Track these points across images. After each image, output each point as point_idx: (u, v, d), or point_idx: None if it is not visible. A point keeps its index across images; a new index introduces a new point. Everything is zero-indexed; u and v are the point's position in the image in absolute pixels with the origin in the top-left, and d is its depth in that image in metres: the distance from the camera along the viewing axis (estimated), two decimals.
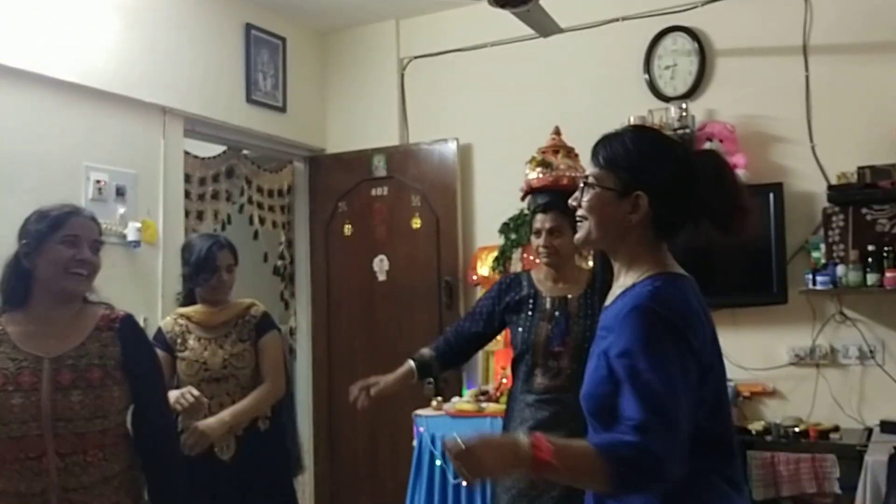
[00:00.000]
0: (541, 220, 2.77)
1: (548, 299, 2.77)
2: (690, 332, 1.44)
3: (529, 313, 2.75)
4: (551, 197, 2.87)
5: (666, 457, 1.33)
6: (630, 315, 1.44)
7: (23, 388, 1.79)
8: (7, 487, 1.78)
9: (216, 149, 4.77)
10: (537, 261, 2.86)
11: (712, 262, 3.87)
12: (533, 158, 2.93)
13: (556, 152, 2.96)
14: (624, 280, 1.57)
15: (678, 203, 1.56)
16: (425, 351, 2.86)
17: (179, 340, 2.80)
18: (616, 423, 1.38)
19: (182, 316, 2.82)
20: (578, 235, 1.59)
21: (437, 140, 4.64)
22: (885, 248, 3.46)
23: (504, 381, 3.83)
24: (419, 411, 3.98)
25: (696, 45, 4.04)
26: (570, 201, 1.61)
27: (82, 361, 1.86)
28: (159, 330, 2.86)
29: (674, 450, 1.34)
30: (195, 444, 2.49)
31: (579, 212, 1.58)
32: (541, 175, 2.83)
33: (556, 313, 2.73)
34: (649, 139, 1.62)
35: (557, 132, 3.09)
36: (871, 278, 3.46)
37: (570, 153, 2.95)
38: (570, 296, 2.75)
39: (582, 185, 1.58)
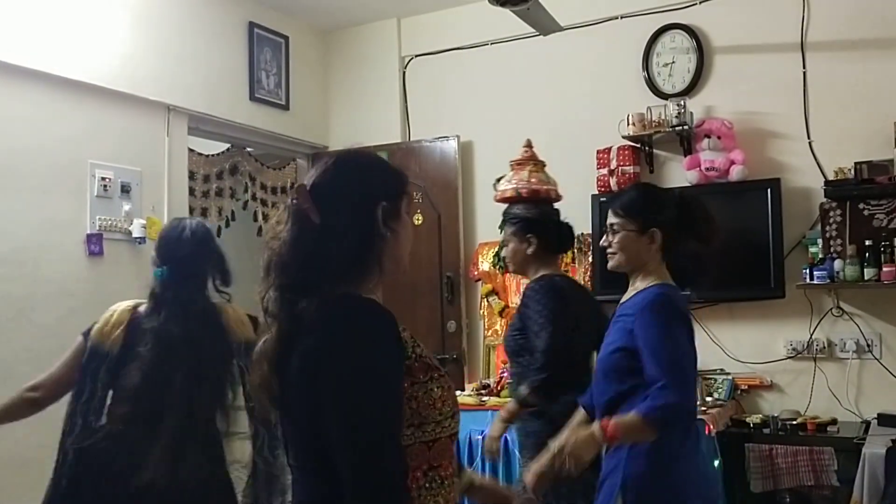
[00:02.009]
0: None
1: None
2: (690, 323, 2.15)
3: None
4: (506, 209, 2.97)
5: (685, 403, 2.03)
6: (653, 306, 2.08)
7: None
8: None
9: (220, 146, 4.81)
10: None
11: (711, 257, 3.91)
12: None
13: (520, 166, 3.03)
14: (638, 285, 2.20)
15: (679, 232, 2.20)
16: None
17: None
18: (623, 378, 2.08)
19: None
20: (611, 264, 2.22)
21: (439, 137, 4.67)
22: (883, 243, 3.48)
23: (504, 374, 3.86)
24: None
25: (695, 42, 4.06)
26: (601, 242, 2.24)
27: None
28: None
29: (689, 397, 2.08)
30: None
31: (610, 249, 2.21)
32: (502, 187, 2.96)
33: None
34: (652, 190, 2.37)
35: (529, 145, 3.15)
36: (869, 273, 3.48)
37: (540, 166, 3.02)
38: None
39: (608, 229, 2.22)
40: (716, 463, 3.34)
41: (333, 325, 1.30)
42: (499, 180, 3.25)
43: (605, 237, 2.24)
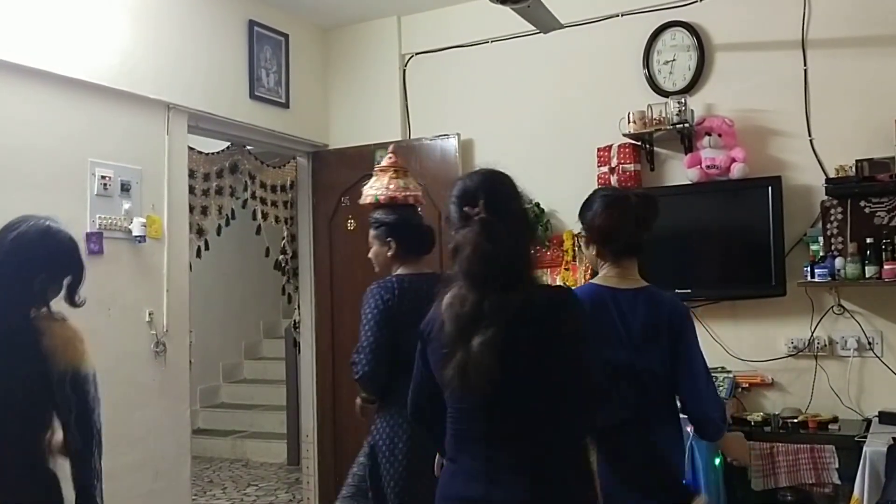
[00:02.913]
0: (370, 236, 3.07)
1: None
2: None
3: None
4: (371, 214, 3.08)
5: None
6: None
7: None
8: None
9: (220, 144, 4.81)
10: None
11: (712, 255, 3.91)
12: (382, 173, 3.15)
13: (383, 172, 3.15)
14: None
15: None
16: None
17: None
18: None
19: None
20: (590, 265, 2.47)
21: (439, 135, 4.67)
22: (884, 241, 3.48)
23: None
24: None
25: (695, 40, 4.06)
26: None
27: None
28: None
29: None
30: None
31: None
32: (365, 192, 3.12)
33: None
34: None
35: (394, 152, 3.25)
36: (870, 270, 3.48)
37: (402, 172, 3.13)
38: None
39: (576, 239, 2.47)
40: (717, 461, 3.34)
41: (572, 306, 1.81)
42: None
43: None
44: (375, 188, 3.11)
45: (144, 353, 3.74)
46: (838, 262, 3.55)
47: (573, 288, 2.25)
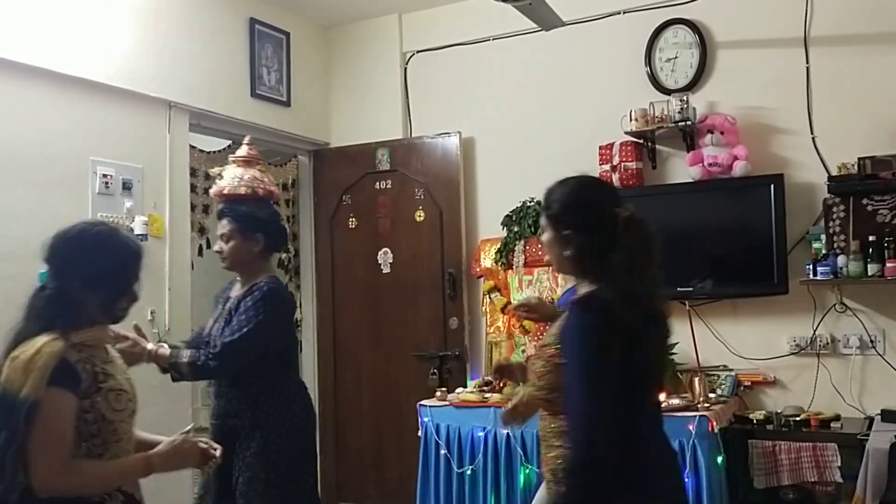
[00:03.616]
0: (219, 227, 2.84)
1: (230, 299, 2.83)
2: None
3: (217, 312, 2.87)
4: (230, 205, 2.84)
5: None
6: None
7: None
8: None
9: (221, 143, 4.81)
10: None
11: (714, 253, 3.90)
12: (225, 168, 2.94)
13: (248, 164, 2.95)
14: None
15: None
16: None
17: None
18: None
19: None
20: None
21: (440, 134, 4.66)
22: (886, 239, 3.47)
23: None
24: (424, 402, 4.01)
25: (697, 37, 4.05)
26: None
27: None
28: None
29: None
30: None
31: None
32: (233, 183, 2.86)
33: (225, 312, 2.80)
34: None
35: (250, 143, 3.07)
36: (872, 268, 3.47)
37: (254, 164, 2.94)
38: (232, 296, 2.83)
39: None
40: (719, 459, 3.34)
41: None
42: (211, 176, 3.08)
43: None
44: (248, 179, 2.89)
45: None
46: (840, 260, 3.54)
47: None
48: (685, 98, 3.89)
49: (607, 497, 1.68)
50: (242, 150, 3.01)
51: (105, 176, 3.61)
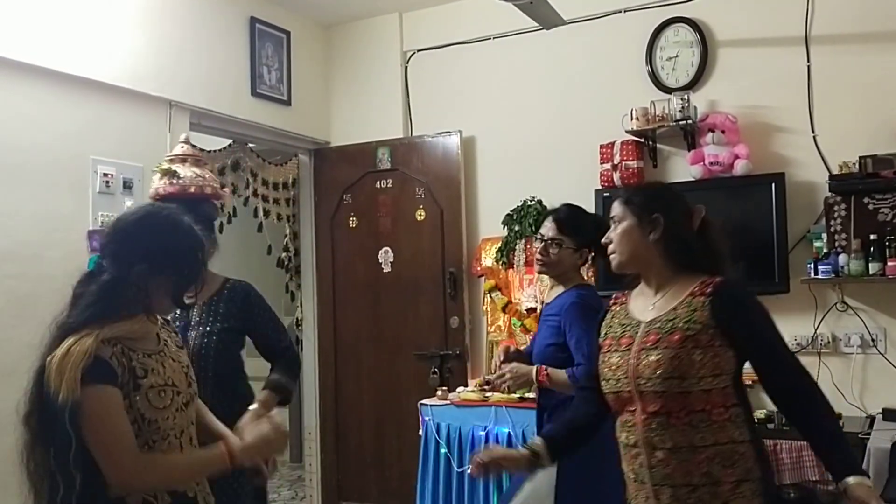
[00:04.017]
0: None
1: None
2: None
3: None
4: (178, 204, 2.71)
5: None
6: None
7: (621, 348, 1.92)
8: (618, 435, 1.92)
9: (222, 142, 4.81)
10: None
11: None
12: (159, 166, 2.81)
13: (183, 161, 2.85)
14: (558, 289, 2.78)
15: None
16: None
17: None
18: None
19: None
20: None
21: (441, 133, 4.66)
22: (887, 238, 3.47)
23: None
24: (424, 401, 4.01)
25: (698, 36, 4.05)
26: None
27: (668, 325, 1.84)
28: None
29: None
30: None
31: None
32: (168, 184, 2.75)
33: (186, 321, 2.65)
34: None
35: (187, 141, 2.96)
36: (873, 267, 3.47)
37: (199, 162, 2.85)
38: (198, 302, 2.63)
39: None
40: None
41: None
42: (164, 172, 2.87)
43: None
44: (205, 178, 2.80)
45: None
46: (842, 258, 3.54)
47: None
48: (686, 97, 3.89)
49: None
50: (177, 149, 2.89)
51: (106, 175, 3.60)
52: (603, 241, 2.02)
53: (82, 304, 1.68)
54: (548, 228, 2.70)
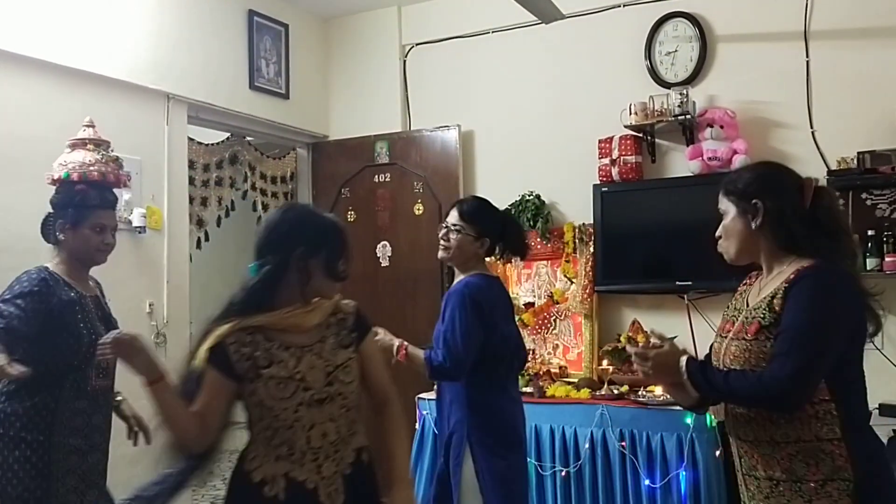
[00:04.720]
0: (109, 217, 2.64)
1: (89, 299, 2.62)
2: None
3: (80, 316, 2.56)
4: (114, 193, 2.67)
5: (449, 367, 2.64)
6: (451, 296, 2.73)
7: (722, 333, 1.95)
8: None
9: (220, 135, 4.81)
10: None
11: (713, 247, 3.90)
12: (99, 150, 2.71)
13: (97, 146, 2.76)
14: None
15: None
16: None
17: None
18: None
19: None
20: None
21: (439, 127, 4.66)
22: (885, 233, 3.47)
23: None
24: (422, 395, 4.01)
25: (697, 30, 4.04)
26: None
27: (752, 314, 1.87)
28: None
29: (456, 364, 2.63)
30: None
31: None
32: (116, 170, 2.63)
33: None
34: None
35: (91, 124, 2.85)
36: (871, 263, 3.47)
37: (102, 146, 2.75)
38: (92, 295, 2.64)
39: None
40: (717, 453, 3.35)
41: None
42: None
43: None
44: (113, 164, 2.71)
45: None
46: None
47: None
48: (685, 92, 3.88)
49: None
50: (82, 132, 2.78)
51: (123, 170, 3.58)
52: (716, 234, 1.96)
53: (248, 290, 1.89)
54: (451, 216, 2.82)
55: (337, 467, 1.91)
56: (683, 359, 1.86)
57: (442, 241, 2.82)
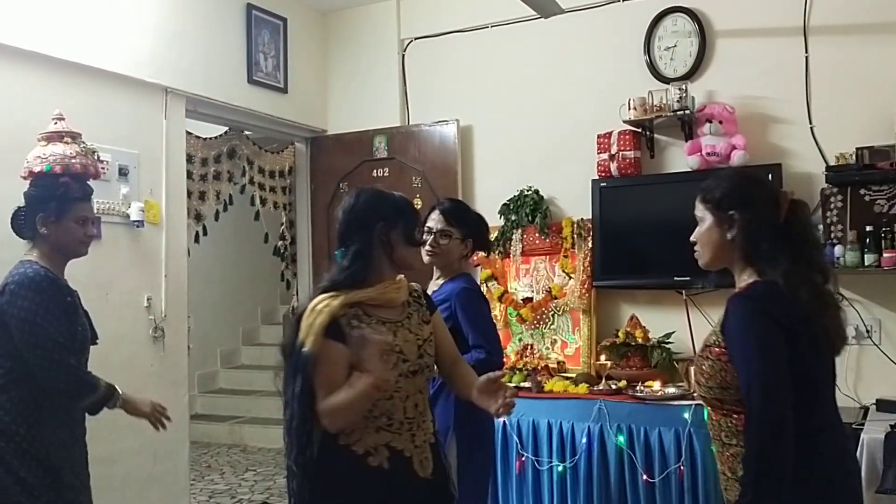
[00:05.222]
0: (91, 210, 2.63)
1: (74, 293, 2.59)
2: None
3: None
4: (87, 184, 2.62)
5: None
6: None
7: None
8: None
9: (218, 129, 4.79)
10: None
11: None
12: (78, 142, 2.67)
13: (74, 139, 2.73)
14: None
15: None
16: None
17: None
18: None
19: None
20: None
21: (438, 121, 4.65)
22: (883, 229, 3.47)
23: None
24: None
25: (697, 26, 4.04)
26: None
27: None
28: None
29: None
30: None
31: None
32: (95, 162, 2.65)
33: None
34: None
35: (61, 116, 2.73)
36: (869, 259, 3.48)
37: (75, 139, 2.72)
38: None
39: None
40: (714, 448, 3.35)
41: None
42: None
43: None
44: (88, 158, 2.69)
45: (143, 338, 3.73)
46: (838, 249, 3.54)
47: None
48: (684, 87, 3.88)
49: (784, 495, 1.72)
50: (52, 125, 2.74)
51: (101, 161, 3.57)
52: (691, 239, 2.00)
53: (338, 268, 2.02)
54: (435, 221, 2.84)
55: (425, 436, 2.05)
56: None
57: (430, 247, 2.83)
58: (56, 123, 2.75)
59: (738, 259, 1.89)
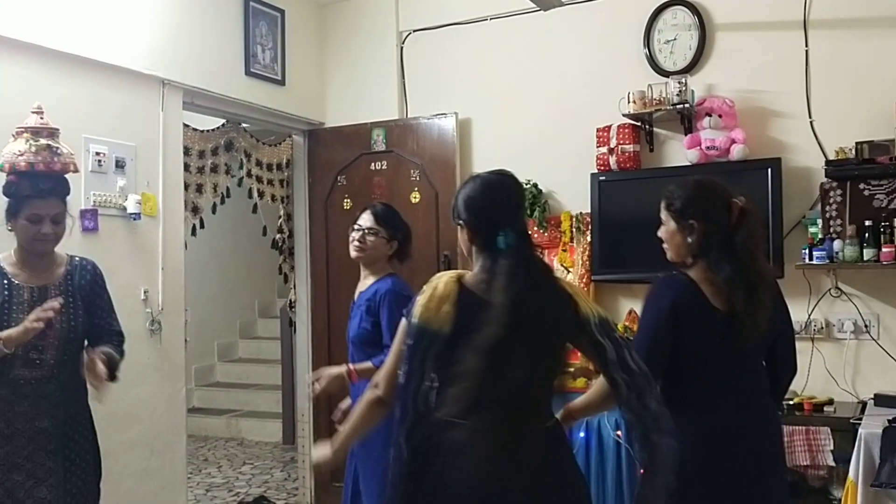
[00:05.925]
0: (46, 207, 2.54)
1: (25, 289, 2.54)
2: None
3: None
4: (55, 182, 2.59)
5: None
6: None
7: None
8: None
9: (215, 122, 4.77)
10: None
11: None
12: (28, 139, 2.60)
13: (51, 134, 2.62)
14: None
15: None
16: None
17: None
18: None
19: None
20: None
21: (437, 114, 4.63)
22: (882, 224, 3.47)
23: None
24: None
25: (696, 19, 4.02)
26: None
27: None
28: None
29: None
30: None
31: None
32: (50, 158, 2.53)
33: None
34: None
35: (39, 110, 2.69)
36: (868, 253, 3.47)
37: (54, 134, 2.68)
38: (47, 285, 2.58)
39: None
40: None
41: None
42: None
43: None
44: (67, 155, 2.65)
45: (140, 331, 3.72)
46: (837, 244, 3.54)
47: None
48: (683, 80, 3.87)
49: None
50: (29, 120, 2.70)
51: (98, 154, 3.57)
52: (658, 235, 2.35)
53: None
54: (365, 219, 3.06)
55: None
56: None
57: (357, 242, 3.04)
58: (30, 117, 2.70)
59: (693, 257, 2.25)
